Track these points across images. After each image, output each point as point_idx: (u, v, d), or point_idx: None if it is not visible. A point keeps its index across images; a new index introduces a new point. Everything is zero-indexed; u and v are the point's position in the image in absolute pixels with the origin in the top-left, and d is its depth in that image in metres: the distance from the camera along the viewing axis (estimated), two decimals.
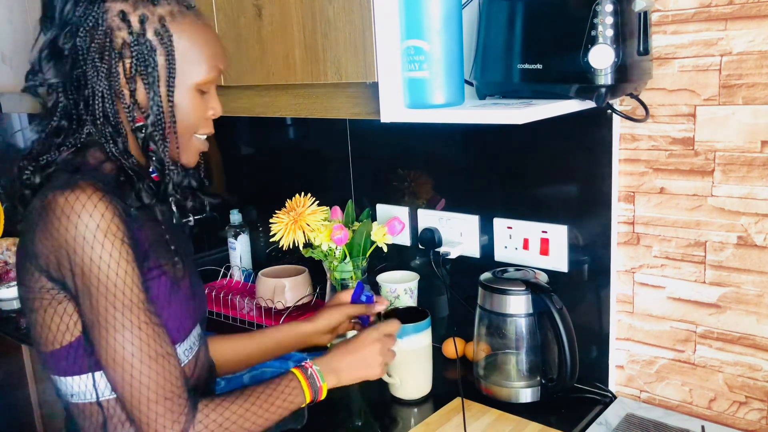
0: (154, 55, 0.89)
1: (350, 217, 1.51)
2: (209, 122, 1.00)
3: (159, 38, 0.89)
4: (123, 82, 0.90)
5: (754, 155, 1.10)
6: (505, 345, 1.30)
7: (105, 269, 0.83)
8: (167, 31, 0.90)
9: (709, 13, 1.10)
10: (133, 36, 0.88)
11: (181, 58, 0.91)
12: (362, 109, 1.18)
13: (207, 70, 0.94)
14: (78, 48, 0.88)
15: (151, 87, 0.89)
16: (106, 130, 0.90)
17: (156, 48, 0.89)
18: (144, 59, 0.89)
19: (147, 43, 0.89)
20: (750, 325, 1.16)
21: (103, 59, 0.88)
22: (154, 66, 0.89)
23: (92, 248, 0.83)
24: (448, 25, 1.03)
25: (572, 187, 1.30)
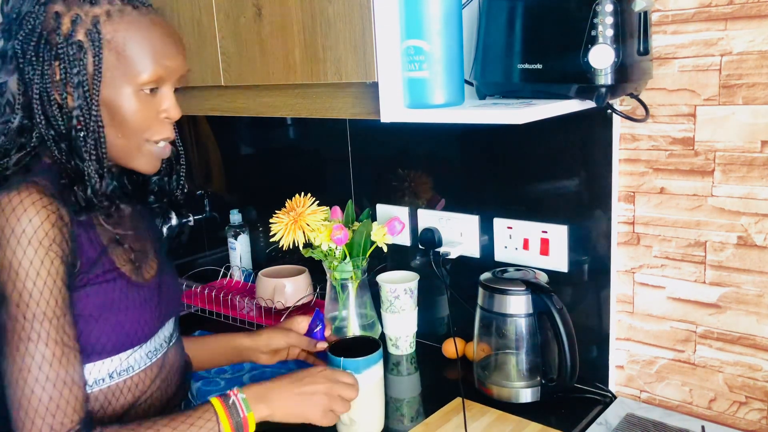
0: (83, 57, 0.87)
1: (350, 217, 1.51)
2: (164, 126, 0.95)
3: (89, 39, 0.87)
4: (54, 86, 0.88)
5: (754, 155, 1.10)
6: (505, 345, 1.30)
7: (23, 276, 0.83)
8: (98, 32, 0.87)
9: (709, 13, 1.10)
10: (62, 38, 0.86)
11: (118, 58, 0.88)
12: (362, 109, 1.18)
13: (149, 68, 0.89)
14: (17, 50, 0.87)
15: (76, 90, 0.87)
16: (48, 132, 0.89)
17: (86, 50, 0.87)
18: (70, 62, 0.86)
19: (75, 45, 0.86)
20: (750, 325, 1.16)
21: (38, 62, 0.87)
22: (81, 69, 0.87)
23: (14, 253, 0.82)
24: (448, 25, 1.03)
25: (572, 187, 1.30)
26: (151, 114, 0.92)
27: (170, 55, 0.92)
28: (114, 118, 0.90)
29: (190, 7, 1.38)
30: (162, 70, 0.91)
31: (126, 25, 0.88)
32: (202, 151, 2.09)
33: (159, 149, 0.96)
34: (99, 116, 0.88)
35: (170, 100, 0.94)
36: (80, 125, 0.88)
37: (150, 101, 0.92)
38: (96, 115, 0.88)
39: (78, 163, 0.89)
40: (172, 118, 0.95)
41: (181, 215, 1.97)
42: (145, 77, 0.89)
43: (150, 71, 0.89)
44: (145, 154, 0.95)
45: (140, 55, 0.89)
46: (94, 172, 0.89)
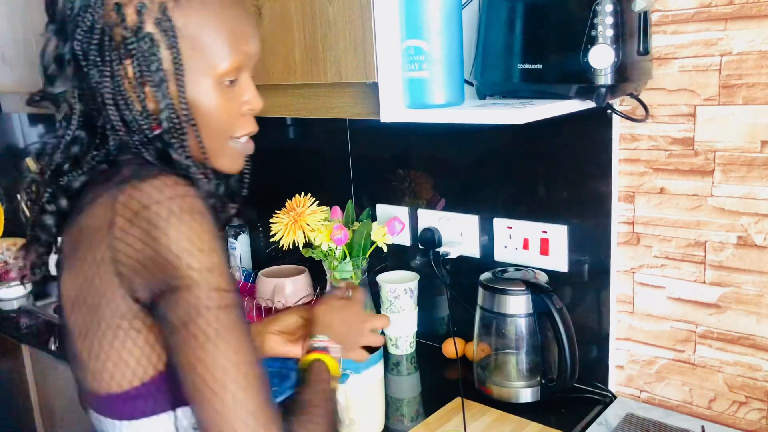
0: (156, 50, 0.75)
1: (350, 217, 1.51)
2: (247, 119, 0.84)
3: (160, 29, 0.75)
4: (129, 87, 0.76)
5: (754, 155, 1.10)
6: (505, 345, 1.30)
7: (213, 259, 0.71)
8: (168, 20, 0.75)
9: (709, 13, 1.10)
10: (130, 31, 0.75)
11: (193, 48, 0.76)
12: (362, 109, 1.18)
13: (228, 55, 0.78)
14: (77, 52, 0.76)
15: (159, 89, 0.75)
16: (132, 138, 0.77)
17: (158, 42, 0.75)
18: (145, 57, 0.75)
19: (146, 37, 0.74)
20: (750, 325, 1.16)
21: (104, 63, 0.75)
22: (158, 64, 0.75)
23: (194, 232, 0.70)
24: (448, 25, 1.03)
25: (572, 187, 1.30)
26: (234, 108, 0.82)
27: (248, 39, 0.81)
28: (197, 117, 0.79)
29: None
30: (242, 57, 0.80)
31: (197, 8, 0.77)
32: None
33: (243, 145, 0.86)
34: (190, 115, 0.78)
35: (251, 90, 0.83)
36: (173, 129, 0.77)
37: (231, 93, 0.81)
38: (186, 114, 0.77)
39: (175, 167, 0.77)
40: (255, 110, 0.84)
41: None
42: (225, 66, 0.78)
43: (230, 59, 0.78)
44: (230, 153, 0.84)
45: (217, 42, 0.78)
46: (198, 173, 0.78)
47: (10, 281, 2.04)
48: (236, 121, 0.82)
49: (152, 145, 0.77)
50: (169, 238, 0.69)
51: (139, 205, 0.69)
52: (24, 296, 2.02)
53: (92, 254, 0.72)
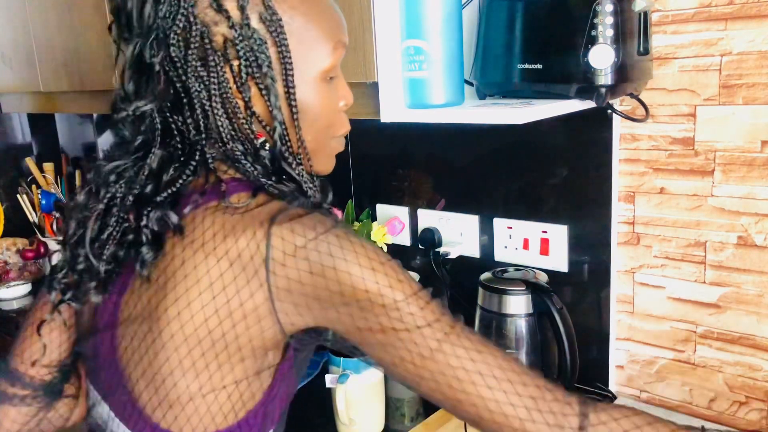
0: (264, 48, 0.69)
1: (350, 217, 1.51)
2: (343, 118, 0.79)
3: (266, 25, 0.69)
4: (234, 91, 0.70)
5: (754, 155, 1.10)
6: (505, 345, 1.30)
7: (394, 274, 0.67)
8: (275, 14, 0.69)
9: (709, 13, 1.10)
10: (236, 29, 0.68)
11: (300, 43, 0.71)
12: (362, 109, 1.18)
13: (332, 49, 0.73)
14: (172, 59, 0.68)
15: (270, 90, 0.70)
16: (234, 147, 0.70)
17: (265, 38, 0.69)
18: (254, 56, 0.69)
19: (254, 34, 0.68)
20: (750, 325, 1.16)
21: (206, 66, 0.68)
22: (267, 63, 0.69)
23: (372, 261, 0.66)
24: (448, 25, 1.03)
25: (572, 187, 1.30)
26: (334, 105, 0.77)
27: (344, 29, 0.76)
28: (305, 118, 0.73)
29: None
30: (342, 49, 0.75)
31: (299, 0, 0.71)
32: None
33: (339, 144, 0.80)
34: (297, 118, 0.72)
35: (344, 84, 0.78)
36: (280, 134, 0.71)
37: (330, 89, 0.76)
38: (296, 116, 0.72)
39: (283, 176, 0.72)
40: (349, 104, 0.79)
41: None
42: (331, 61, 0.74)
43: (335, 54, 0.74)
44: (328, 153, 0.79)
45: (321, 37, 0.72)
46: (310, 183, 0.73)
47: (9, 281, 2.04)
48: (337, 120, 0.78)
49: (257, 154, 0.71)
50: (345, 271, 0.65)
51: (303, 239, 0.65)
52: (24, 296, 2.03)
53: (235, 288, 0.66)
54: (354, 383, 1.14)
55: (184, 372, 0.68)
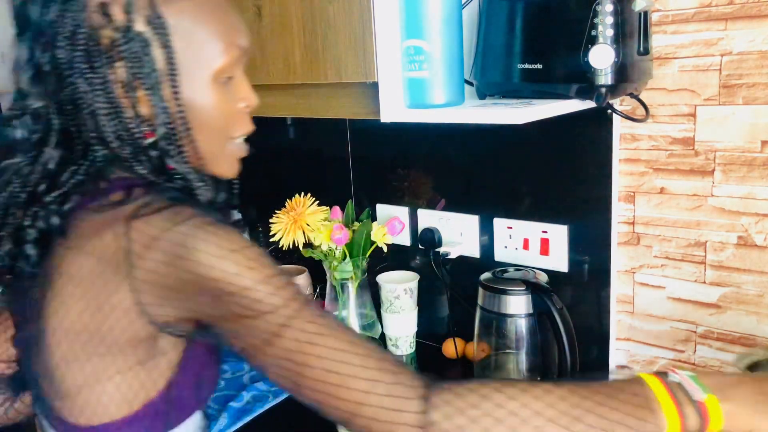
0: (149, 50, 0.70)
1: (350, 217, 1.51)
2: (244, 118, 0.80)
3: (152, 27, 0.70)
4: (120, 92, 0.72)
5: (754, 155, 1.10)
6: (505, 345, 1.30)
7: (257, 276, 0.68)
8: (159, 17, 0.70)
9: (709, 12, 1.10)
10: (120, 32, 0.70)
11: (188, 45, 0.72)
12: (362, 109, 1.18)
13: (224, 50, 0.74)
14: (60, 60, 0.70)
15: (154, 91, 0.71)
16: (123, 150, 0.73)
17: (151, 41, 0.70)
18: (138, 59, 0.70)
19: (138, 37, 0.70)
20: (750, 326, 1.16)
21: (92, 69, 0.70)
22: (151, 64, 0.71)
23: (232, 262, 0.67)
24: (448, 25, 1.03)
25: (572, 187, 1.30)
26: (232, 106, 0.78)
27: (241, 32, 0.77)
28: (194, 119, 0.74)
29: None
30: (237, 51, 0.76)
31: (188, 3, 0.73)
32: None
33: (239, 147, 0.82)
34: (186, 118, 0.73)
35: (246, 86, 0.79)
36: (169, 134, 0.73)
37: (227, 91, 0.77)
38: (183, 118, 0.73)
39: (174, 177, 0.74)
40: (251, 106, 0.81)
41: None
42: (222, 62, 0.74)
43: (227, 54, 0.75)
44: (228, 156, 0.81)
45: (212, 37, 0.74)
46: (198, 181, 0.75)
47: None
48: (234, 121, 0.79)
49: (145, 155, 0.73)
50: (206, 257, 0.66)
51: (158, 231, 0.67)
52: None
53: (102, 283, 0.69)
54: None
55: (68, 364, 0.71)
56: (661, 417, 0.64)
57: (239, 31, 0.77)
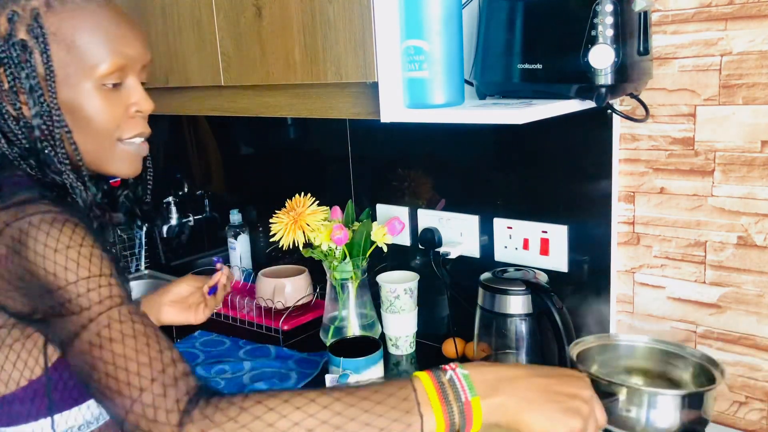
0: (30, 57, 0.77)
1: (350, 217, 1.51)
2: (135, 122, 0.85)
3: (32, 36, 0.77)
4: (4, 97, 0.79)
5: (754, 155, 1.10)
6: (505, 345, 1.30)
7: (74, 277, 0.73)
8: (40, 27, 0.76)
9: (709, 13, 1.10)
10: (1, 40, 0.77)
11: (68, 52, 0.78)
12: (362, 109, 1.18)
13: (107, 57, 0.80)
14: None
15: (30, 96, 0.77)
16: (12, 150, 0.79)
17: (31, 49, 0.77)
18: (16, 64, 0.77)
19: (17, 45, 0.77)
20: (750, 325, 1.16)
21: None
22: (30, 71, 0.77)
23: (58, 264, 0.72)
24: (448, 25, 1.03)
25: (572, 187, 1.30)
26: (119, 110, 0.83)
27: (128, 42, 0.82)
28: (78, 121, 0.81)
29: (190, 7, 1.38)
30: (121, 59, 0.81)
31: (70, 13, 0.78)
32: (202, 151, 2.09)
33: (136, 147, 0.87)
34: (63, 121, 0.79)
35: (138, 92, 0.85)
36: (44, 135, 0.79)
37: (115, 96, 0.82)
38: (59, 120, 0.79)
39: (55, 177, 0.80)
40: (143, 111, 0.86)
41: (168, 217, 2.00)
42: (104, 69, 0.80)
43: (108, 61, 0.80)
44: (122, 156, 0.85)
45: (94, 45, 0.79)
46: (76, 181, 0.81)
47: None
48: (123, 124, 0.84)
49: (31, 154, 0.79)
50: (35, 252, 0.71)
51: (3, 224, 0.72)
52: None
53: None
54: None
55: None
56: (428, 419, 0.68)
57: (125, 39, 0.82)
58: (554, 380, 0.74)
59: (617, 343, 1.19)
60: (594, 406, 0.75)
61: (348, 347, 1.18)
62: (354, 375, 1.13)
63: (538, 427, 0.70)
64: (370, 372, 1.15)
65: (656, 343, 1.17)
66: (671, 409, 1.01)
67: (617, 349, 1.19)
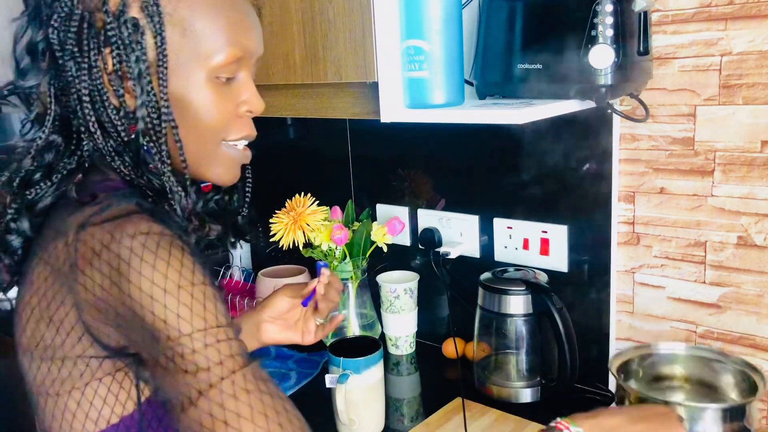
0: (141, 39, 0.67)
1: (350, 217, 1.51)
2: (243, 122, 0.76)
3: (146, 15, 0.67)
4: (107, 80, 0.68)
5: (754, 155, 1.10)
6: (505, 345, 1.30)
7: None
8: (156, 5, 0.67)
9: (709, 13, 1.10)
10: (111, 16, 0.66)
11: (183, 36, 0.69)
12: (362, 109, 1.18)
13: (224, 47, 0.70)
14: (53, 41, 0.67)
15: (138, 83, 0.67)
16: (107, 144, 0.69)
17: (143, 28, 0.67)
18: (126, 45, 0.67)
19: (129, 23, 0.67)
20: (750, 325, 1.16)
21: (81, 53, 0.67)
22: (141, 55, 0.67)
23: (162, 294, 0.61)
24: (448, 25, 1.03)
25: (572, 187, 1.30)
26: (230, 107, 0.73)
27: (248, 32, 0.73)
28: (185, 115, 0.70)
29: None
30: (239, 50, 0.72)
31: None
32: None
33: (238, 153, 0.77)
34: (171, 114, 0.69)
35: (251, 89, 0.75)
36: (147, 129, 0.68)
37: (226, 91, 0.73)
38: (167, 112, 0.69)
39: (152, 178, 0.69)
40: (254, 112, 0.76)
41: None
42: (220, 59, 0.70)
43: (226, 51, 0.70)
44: (223, 160, 0.76)
45: (212, 32, 0.69)
46: (176, 185, 0.70)
47: None
48: (231, 123, 0.74)
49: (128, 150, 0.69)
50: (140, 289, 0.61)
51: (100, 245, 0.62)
52: None
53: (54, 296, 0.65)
54: (354, 383, 1.14)
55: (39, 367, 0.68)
56: None
57: (245, 30, 0.72)
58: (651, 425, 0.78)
59: (657, 352, 1.13)
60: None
61: (348, 347, 1.18)
62: (354, 375, 1.13)
63: None
64: (370, 372, 1.15)
65: (696, 350, 1.12)
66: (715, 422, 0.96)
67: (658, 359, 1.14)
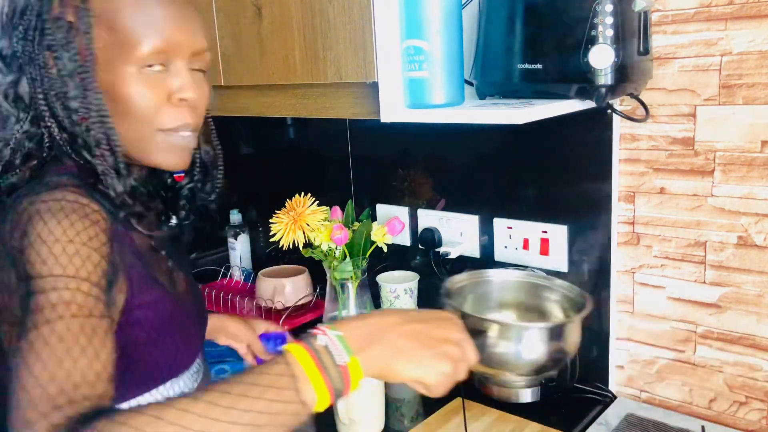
0: (74, 39, 0.74)
1: (350, 217, 1.51)
2: (179, 111, 0.79)
3: (78, 18, 0.74)
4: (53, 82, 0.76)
5: (754, 155, 1.10)
6: None
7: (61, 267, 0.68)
8: (86, 8, 0.74)
9: (709, 13, 1.10)
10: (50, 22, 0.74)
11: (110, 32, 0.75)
12: (362, 109, 1.18)
13: (148, 40, 0.75)
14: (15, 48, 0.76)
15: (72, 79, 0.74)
16: (62, 135, 0.77)
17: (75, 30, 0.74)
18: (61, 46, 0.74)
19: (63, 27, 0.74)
20: (750, 325, 1.16)
21: (36, 56, 0.75)
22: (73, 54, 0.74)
23: (53, 252, 0.68)
24: (448, 25, 1.03)
25: (572, 187, 1.30)
26: (161, 96, 0.78)
27: (173, 24, 0.77)
28: (118, 106, 0.76)
29: None
30: (163, 43, 0.76)
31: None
32: None
33: (180, 139, 0.81)
34: (101, 104, 0.75)
35: (183, 78, 0.79)
36: (83, 118, 0.76)
37: (158, 81, 0.77)
38: (97, 102, 0.75)
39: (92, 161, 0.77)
40: (188, 100, 0.79)
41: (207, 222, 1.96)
42: (144, 50, 0.75)
43: (150, 43, 0.75)
44: (164, 147, 0.80)
45: (136, 26, 0.75)
46: (109, 168, 0.77)
47: None
48: (163, 112, 0.78)
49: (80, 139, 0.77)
50: (30, 238, 0.68)
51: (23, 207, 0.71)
52: None
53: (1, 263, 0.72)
54: None
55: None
56: (308, 391, 0.64)
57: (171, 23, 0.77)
58: (426, 325, 0.73)
59: (489, 279, 1.16)
60: (465, 348, 0.75)
61: None
62: None
63: (410, 375, 0.70)
64: None
65: (527, 277, 1.14)
66: (537, 342, 0.94)
67: (490, 285, 1.16)
